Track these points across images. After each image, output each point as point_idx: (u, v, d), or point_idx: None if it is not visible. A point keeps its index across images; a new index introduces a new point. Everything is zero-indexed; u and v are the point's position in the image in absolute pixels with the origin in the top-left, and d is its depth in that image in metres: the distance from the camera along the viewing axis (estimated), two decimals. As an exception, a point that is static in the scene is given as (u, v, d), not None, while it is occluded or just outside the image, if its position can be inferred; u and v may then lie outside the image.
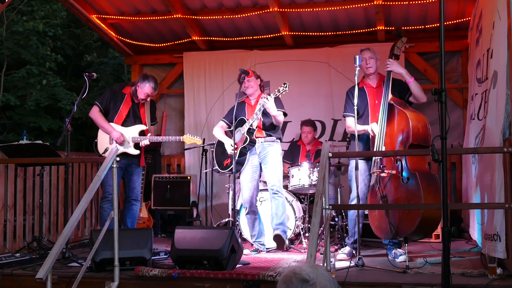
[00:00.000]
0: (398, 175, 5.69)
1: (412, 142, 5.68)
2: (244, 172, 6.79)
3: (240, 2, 8.46)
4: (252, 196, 6.79)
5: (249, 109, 6.83)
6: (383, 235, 5.94)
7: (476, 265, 5.44)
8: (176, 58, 9.81)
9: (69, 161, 6.83)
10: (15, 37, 16.80)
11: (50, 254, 4.37)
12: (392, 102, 5.97)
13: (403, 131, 5.77)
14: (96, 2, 8.63)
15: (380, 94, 6.17)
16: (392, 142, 5.85)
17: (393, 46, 6.25)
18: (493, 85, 5.31)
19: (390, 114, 5.93)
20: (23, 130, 7.43)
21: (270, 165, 6.70)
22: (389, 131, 5.89)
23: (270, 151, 6.71)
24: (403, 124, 5.77)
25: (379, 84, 6.29)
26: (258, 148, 6.73)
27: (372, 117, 6.13)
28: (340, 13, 8.48)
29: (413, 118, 5.74)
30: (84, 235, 8.17)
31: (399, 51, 6.27)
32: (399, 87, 6.19)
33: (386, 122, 5.90)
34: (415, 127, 5.70)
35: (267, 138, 6.73)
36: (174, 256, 5.51)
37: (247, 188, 6.79)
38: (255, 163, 6.77)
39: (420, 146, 5.73)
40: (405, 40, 6.27)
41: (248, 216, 6.86)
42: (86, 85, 6.43)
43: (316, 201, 4.55)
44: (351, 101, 6.24)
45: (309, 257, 4.09)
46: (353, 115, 6.16)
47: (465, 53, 8.57)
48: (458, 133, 8.55)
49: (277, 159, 6.74)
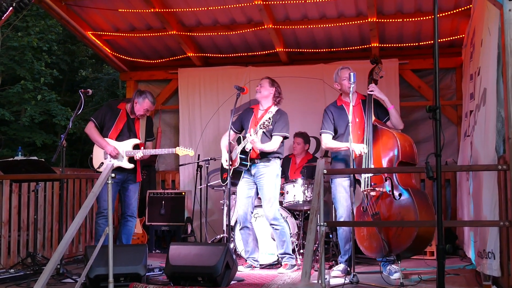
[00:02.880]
0: (388, 192, 5.73)
1: (402, 160, 5.77)
2: (239, 188, 6.79)
3: (235, 19, 8.50)
4: (246, 212, 6.77)
5: (253, 121, 6.75)
6: (375, 253, 5.93)
7: (470, 282, 5.44)
8: (171, 74, 9.83)
9: (64, 177, 6.83)
10: (10, 53, 16.81)
11: (45, 270, 4.36)
12: (375, 123, 6.10)
13: (391, 149, 5.85)
14: (92, 19, 8.67)
15: (359, 112, 6.30)
16: (379, 161, 5.91)
17: (372, 71, 6.43)
18: (483, 102, 5.32)
19: (374, 135, 6.05)
20: (18, 146, 7.43)
21: (265, 191, 6.61)
22: (375, 151, 5.97)
23: (265, 172, 6.62)
24: (391, 143, 5.86)
25: (358, 102, 6.37)
26: (253, 169, 6.69)
27: (353, 135, 6.12)
28: (335, 30, 8.54)
29: (400, 138, 5.87)
30: (78, 251, 8.14)
31: (377, 76, 6.43)
32: (377, 109, 6.30)
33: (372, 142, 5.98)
34: (403, 146, 5.81)
35: (263, 160, 6.63)
36: (169, 272, 5.49)
37: (241, 204, 6.79)
38: (250, 181, 6.75)
39: (408, 164, 5.84)
40: (382, 66, 6.47)
41: (242, 231, 6.85)
42: (82, 101, 6.45)
43: (311, 218, 4.54)
44: (330, 118, 6.41)
45: (304, 274, 4.08)
46: (330, 132, 6.36)
47: (459, 70, 8.62)
48: (452, 150, 8.58)
49: (271, 183, 6.61)
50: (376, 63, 6.42)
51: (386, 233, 5.63)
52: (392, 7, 7.95)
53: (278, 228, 6.64)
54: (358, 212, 6.05)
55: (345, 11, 8.13)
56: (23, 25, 17.19)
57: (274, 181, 6.65)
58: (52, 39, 17.58)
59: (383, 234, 5.62)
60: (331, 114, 6.40)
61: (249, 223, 6.82)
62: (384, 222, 5.79)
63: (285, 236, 6.66)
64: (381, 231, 5.64)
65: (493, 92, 4.92)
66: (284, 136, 6.65)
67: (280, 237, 6.64)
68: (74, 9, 8.33)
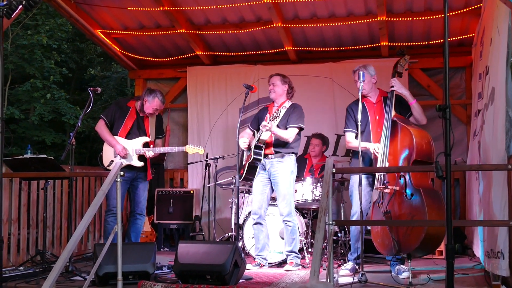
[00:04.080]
0: (401, 191, 5.69)
1: (416, 158, 5.68)
2: (255, 184, 6.80)
3: (244, 17, 8.50)
4: (260, 208, 6.75)
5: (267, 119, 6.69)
6: (386, 251, 5.93)
7: (479, 282, 5.43)
8: (179, 72, 9.85)
9: (73, 175, 6.84)
10: (19, 51, 16.86)
11: (54, 268, 4.37)
12: (395, 118, 5.99)
13: (406, 147, 5.77)
14: (101, 17, 8.68)
15: (380, 110, 6.21)
16: (396, 158, 5.85)
17: (396, 64, 6.28)
18: (491, 101, 5.29)
19: (393, 131, 5.94)
20: (27, 144, 7.46)
21: (280, 187, 6.61)
22: (393, 148, 5.89)
23: (279, 169, 6.61)
24: (407, 141, 5.77)
25: (379, 100, 6.32)
26: (268, 165, 6.68)
27: (373, 133, 6.14)
28: (344, 29, 8.52)
29: (417, 135, 5.74)
30: (87, 249, 8.17)
31: (402, 69, 6.28)
32: (399, 105, 6.21)
33: (390, 138, 5.91)
34: (418, 144, 5.70)
35: (276, 155, 6.63)
36: (177, 270, 5.50)
37: (256, 200, 6.78)
38: (266, 177, 6.74)
39: (424, 163, 5.73)
40: (408, 58, 6.32)
41: (255, 226, 6.82)
42: (91, 99, 6.47)
43: (320, 217, 4.54)
44: (352, 116, 6.29)
45: (313, 273, 4.07)
46: (353, 131, 6.20)
47: (469, 69, 8.59)
48: (462, 150, 8.53)
49: (286, 180, 6.61)
50: (402, 55, 6.28)
51: (397, 232, 5.61)
52: (401, 6, 7.92)
53: (290, 225, 6.62)
54: (375, 208, 6.02)
55: (354, 10, 8.10)
56: (33, 23, 17.23)
57: (289, 177, 6.64)
58: (61, 37, 17.63)
59: (393, 233, 5.60)
60: (352, 112, 6.33)
61: (263, 220, 6.80)
62: (393, 221, 5.76)
63: (295, 234, 6.65)
64: (392, 230, 5.62)
65: (501, 91, 4.89)
66: (299, 128, 6.63)
67: (290, 234, 6.62)
68: (83, 7, 8.34)
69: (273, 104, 6.88)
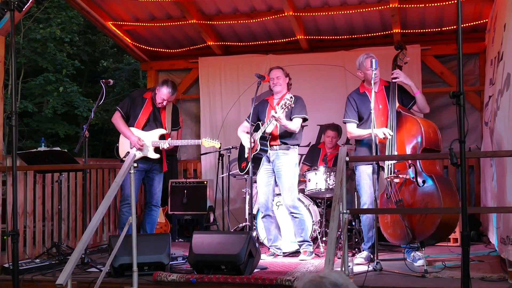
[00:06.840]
0: (412, 179, 5.69)
1: (426, 146, 5.72)
2: (259, 177, 6.78)
3: (255, 6, 8.48)
4: (267, 200, 6.76)
5: (270, 110, 6.71)
6: (398, 241, 5.91)
7: (495, 269, 5.40)
8: (191, 63, 9.85)
9: (87, 167, 6.87)
10: (32, 45, 16.95)
11: (70, 259, 4.39)
12: (399, 110, 6.03)
13: (414, 136, 5.79)
14: (112, 9, 8.69)
15: (382, 98, 6.22)
16: (403, 148, 5.86)
17: (396, 57, 6.34)
18: (507, 87, 5.25)
19: (398, 121, 5.97)
20: (41, 137, 7.49)
21: (284, 179, 6.60)
22: (399, 138, 5.91)
23: (284, 160, 6.61)
24: (414, 130, 5.80)
25: (381, 89, 6.30)
26: (272, 156, 6.66)
27: (377, 122, 6.09)
28: (356, 17, 8.47)
29: (424, 124, 5.81)
30: (102, 241, 8.20)
31: (402, 62, 6.33)
32: (402, 95, 6.23)
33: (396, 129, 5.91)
34: (427, 132, 5.75)
35: (282, 146, 6.62)
36: (192, 261, 5.52)
37: (262, 192, 6.78)
38: (270, 168, 6.74)
39: (432, 151, 5.78)
40: (406, 52, 6.36)
41: (264, 219, 6.84)
42: (103, 91, 6.48)
43: (334, 206, 4.53)
44: (353, 106, 6.33)
45: (328, 262, 4.07)
46: (354, 121, 6.28)
47: (483, 55, 8.52)
48: (476, 136, 8.49)
49: (290, 171, 6.62)
50: (400, 49, 6.33)
51: (410, 220, 5.60)
52: (413, -8, 7.86)
53: (297, 216, 6.63)
54: (382, 199, 6.01)
55: (366, -3, 8.06)
56: (45, 17, 17.30)
57: (293, 170, 6.64)
58: (73, 30, 17.68)
59: (406, 221, 5.59)
60: (354, 101, 6.34)
61: (270, 211, 6.81)
62: (408, 209, 5.76)
63: (304, 224, 6.66)
64: (405, 218, 5.61)
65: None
66: (303, 118, 6.63)
67: (299, 225, 6.63)
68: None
69: (273, 97, 6.87)
